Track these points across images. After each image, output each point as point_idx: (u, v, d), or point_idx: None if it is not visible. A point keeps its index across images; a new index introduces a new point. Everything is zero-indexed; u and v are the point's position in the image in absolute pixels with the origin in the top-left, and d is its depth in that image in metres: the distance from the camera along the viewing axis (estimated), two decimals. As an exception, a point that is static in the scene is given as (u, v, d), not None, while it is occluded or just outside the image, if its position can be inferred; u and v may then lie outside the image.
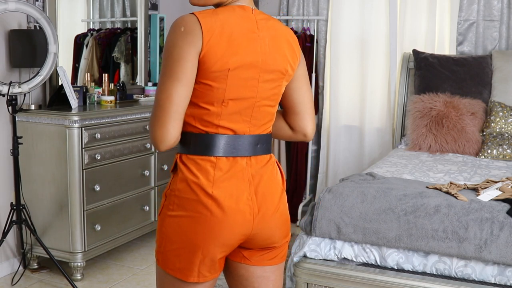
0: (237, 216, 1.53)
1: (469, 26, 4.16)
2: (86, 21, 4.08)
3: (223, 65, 1.46)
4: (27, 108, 3.37)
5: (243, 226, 1.54)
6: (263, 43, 1.53)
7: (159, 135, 1.47)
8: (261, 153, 1.60)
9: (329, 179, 4.62)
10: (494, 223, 2.25)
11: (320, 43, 4.62)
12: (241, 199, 1.53)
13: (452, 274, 2.32)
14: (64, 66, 3.60)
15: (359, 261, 2.47)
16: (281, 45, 1.57)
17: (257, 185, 1.57)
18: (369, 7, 4.41)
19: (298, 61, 1.63)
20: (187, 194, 1.51)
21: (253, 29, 1.52)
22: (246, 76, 1.51)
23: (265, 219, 1.59)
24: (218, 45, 1.45)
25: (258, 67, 1.52)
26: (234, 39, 1.47)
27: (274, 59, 1.55)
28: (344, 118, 4.59)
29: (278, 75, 1.57)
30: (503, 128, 3.64)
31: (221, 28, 1.45)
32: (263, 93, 1.56)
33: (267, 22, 1.57)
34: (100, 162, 3.39)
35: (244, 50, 1.49)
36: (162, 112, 1.46)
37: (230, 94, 1.50)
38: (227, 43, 1.46)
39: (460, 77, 3.92)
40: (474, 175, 3.07)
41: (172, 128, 1.46)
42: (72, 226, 3.28)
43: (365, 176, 2.79)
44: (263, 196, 1.58)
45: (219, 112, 1.51)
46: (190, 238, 1.52)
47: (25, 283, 3.33)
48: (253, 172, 1.57)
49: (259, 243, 1.62)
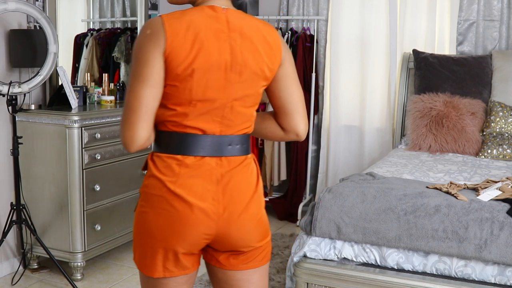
0: (200, 214, 1.53)
1: (469, 26, 4.16)
2: (86, 21, 4.08)
3: (188, 66, 1.46)
4: (27, 108, 3.37)
5: (205, 225, 1.54)
6: (234, 43, 1.51)
7: (128, 137, 1.49)
8: (234, 154, 1.58)
9: (329, 179, 4.62)
10: (494, 223, 2.25)
11: (320, 43, 4.62)
12: (205, 198, 1.53)
13: (452, 274, 2.32)
14: (64, 66, 3.60)
15: (359, 261, 2.47)
16: (256, 45, 1.53)
17: (225, 185, 1.55)
18: (369, 7, 4.41)
19: (279, 60, 1.59)
20: (152, 190, 1.55)
21: (223, 29, 1.50)
22: (213, 77, 1.50)
23: (231, 221, 1.56)
24: (182, 46, 1.45)
25: (227, 68, 1.51)
26: (199, 39, 1.47)
27: (246, 59, 1.52)
28: (344, 118, 4.58)
29: (251, 75, 1.54)
30: (503, 128, 3.64)
31: (186, 29, 1.46)
32: (234, 94, 1.53)
33: (242, 21, 1.53)
34: (100, 162, 3.39)
35: (210, 51, 1.48)
36: (131, 113, 1.48)
37: (197, 95, 1.50)
38: (192, 44, 1.46)
39: (460, 77, 3.92)
40: (474, 175, 3.07)
41: (141, 129, 1.48)
42: (72, 226, 3.28)
43: (365, 176, 2.79)
44: (230, 197, 1.56)
45: (187, 113, 1.52)
46: (153, 232, 1.55)
47: (25, 283, 3.33)
48: (223, 172, 1.56)
49: (227, 245, 1.60)
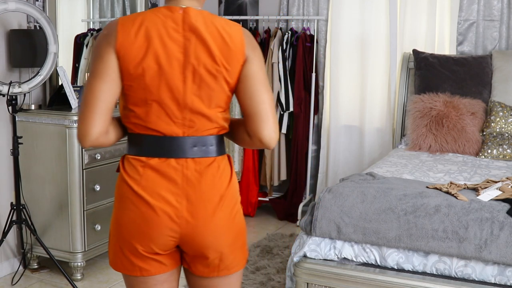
0: (162, 216, 1.54)
1: (469, 26, 4.16)
2: (86, 21, 4.08)
3: (138, 64, 1.49)
4: (27, 108, 3.38)
5: (168, 227, 1.55)
6: (188, 43, 1.50)
7: (81, 130, 1.51)
8: (200, 156, 1.57)
9: (329, 179, 4.61)
10: (494, 223, 2.25)
11: (320, 43, 4.62)
12: (168, 200, 1.54)
13: (452, 274, 2.32)
14: (64, 66, 3.60)
15: (359, 261, 2.47)
16: (210, 44, 1.51)
17: (189, 188, 1.55)
18: (369, 7, 4.41)
19: (239, 60, 1.55)
20: (120, 191, 1.59)
21: (177, 28, 1.51)
22: (167, 77, 1.50)
23: (195, 223, 1.56)
24: (132, 45, 1.48)
25: (180, 68, 1.50)
26: (149, 38, 1.49)
27: (199, 59, 1.51)
28: (344, 118, 4.58)
29: (207, 76, 1.52)
30: (503, 128, 3.64)
31: (137, 29, 1.49)
32: (191, 94, 1.53)
33: (199, 21, 1.52)
34: (100, 162, 3.39)
35: (160, 50, 1.49)
36: (85, 108, 1.51)
37: (151, 94, 1.51)
38: (142, 43, 1.49)
39: (460, 77, 3.92)
40: (474, 175, 3.07)
41: (93, 123, 1.50)
42: (72, 226, 3.28)
43: (365, 176, 2.79)
44: (194, 200, 1.55)
45: (146, 113, 1.54)
46: (122, 232, 1.59)
47: (25, 283, 3.33)
48: (188, 174, 1.55)
49: (193, 248, 1.59)
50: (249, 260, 3.59)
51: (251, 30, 4.69)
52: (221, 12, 4.94)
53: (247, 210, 4.65)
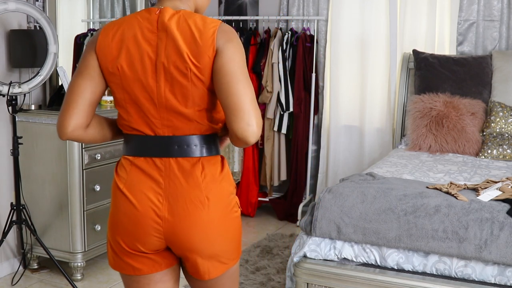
0: (145, 215, 1.57)
1: (469, 26, 4.16)
2: (86, 21, 4.08)
3: (113, 64, 1.54)
4: (27, 108, 3.38)
5: (152, 226, 1.57)
6: (160, 42, 1.52)
7: (58, 122, 1.58)
8: (183, 155, 1.56)
9: (329, 179, 4.61)
10: (494, 223, 2.25)
11: (320, 43, 4.62)
12: (151, 199, 1.56)
13: (452, 274, 2.32)
14: (64, 66, 3.60)
15: (359, 261, 2.47)
16: (178, 42, 1.50)
17: (171, 187, 1.55)
18: (369, 7, 4.41)
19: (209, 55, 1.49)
20: (112, 189, 1.67)
21: (152, 29, 1.53)
22: (140, 77, 1.53)
23: (175, 223, 1.55)
24: (109, 46, 1.54)
25: (153, 67, 1.52)
26: (124, 40, 1.53)
27: (169, 57, 1.51)
28: (344, 118, 4.58)
29: (178, 74, 1.51)
30: (503, 128, 3.64)
31: (115, 31, 1.55)
32: (165, 94, 1.53)
33: (172, 20, 1.52)
34: (100, 162, 3.39)
35: (133, 50, 1.53)
36: (65, 102, 1.58)
37: (129, 95, 1.55)
38: (117, 44, 1.54)
39: (460, 77, 3.91)
40: (474, 175, 3.07)
41: (70, 116, 1.55)
42: (72, 226, 3.28)
43: (365, 176, 2.79)
44: (176, 199, 1.55)
45: (128, 113, 1.58)
46: (112, 229, 1.64)
47: (25, 283, 3.33)
48: (171, 174, 1.56)
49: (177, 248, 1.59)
50: (249, 260, 3.60)
51: (251, 30, 4.69)
52: (221, 12, 4.94)
53: (247, 210, 4.65)
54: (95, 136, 1.64)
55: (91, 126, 1.61)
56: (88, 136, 1.61)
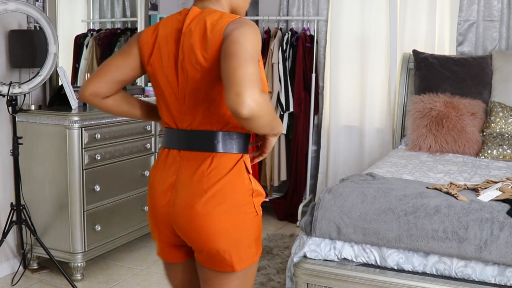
0: (161, 202, 1.66)
1: (469, 26, 4.16)
2: (86, 21, 4.08)
3: (148, 60, 1.65)
4: (27, 109, 3.37)
5: (164, 214, 1.66)
6: (186, 41, 1.58)
7: (82, 85, 1.72)
8: (196, 149, 1.61)
9: (329, 179, 4.62)
10: (494, 223, 2.25)
11: (320, 43, 4.62)
12: (166, 189, 1.65)
13: (452, 274, 2.32)
14: (64, 67, 3.60)
15: (359, 262, 2.47)
16: (194, 38, 1.55)
17: (180, 180, 1.62)
18: (369, 7, 4.41)
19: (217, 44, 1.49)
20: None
21: (179, 29, 1.61)
22: (166, 72, 1.62)
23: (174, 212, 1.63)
24: (147, 44, 1.65)
25: (176, 64, 1.60)
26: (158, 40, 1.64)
27: (185, 54, 1.58)
28: (344, 118, 4.58)
29: (192, 69, 1.56)
30: (503, 128, 3.64)
31: (153, 30, 1.67)
32: (184, 89, 1.60)
33: (194, 18, 1.59)
34: (100, 162, 3.39)
35: (163, 49, 1.62)
36: (97, 70, 1.71)
37: (160, 89, 1.66)
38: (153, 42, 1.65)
39: (460, 78, 3.92)
40: (474, 175, 3.07)
41: (92, 82, 1.67)
42: (72, 226, 3.28)
43: (365, 177, 2.79)
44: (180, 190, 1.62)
45: (160, 107, 1.69)
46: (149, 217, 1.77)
47: (25, 284, 3.33)
48: (182, 165, 1.63)
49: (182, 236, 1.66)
50: (249, 260, 3.59)
51: (251, 31, 4.69)
52: (221, 12, 4.94)
53: (247, 210, 4.64)
54: (111, 108, 1.74)
55: (111, 99, 1.72)
56: (103, 106, 1.72)
